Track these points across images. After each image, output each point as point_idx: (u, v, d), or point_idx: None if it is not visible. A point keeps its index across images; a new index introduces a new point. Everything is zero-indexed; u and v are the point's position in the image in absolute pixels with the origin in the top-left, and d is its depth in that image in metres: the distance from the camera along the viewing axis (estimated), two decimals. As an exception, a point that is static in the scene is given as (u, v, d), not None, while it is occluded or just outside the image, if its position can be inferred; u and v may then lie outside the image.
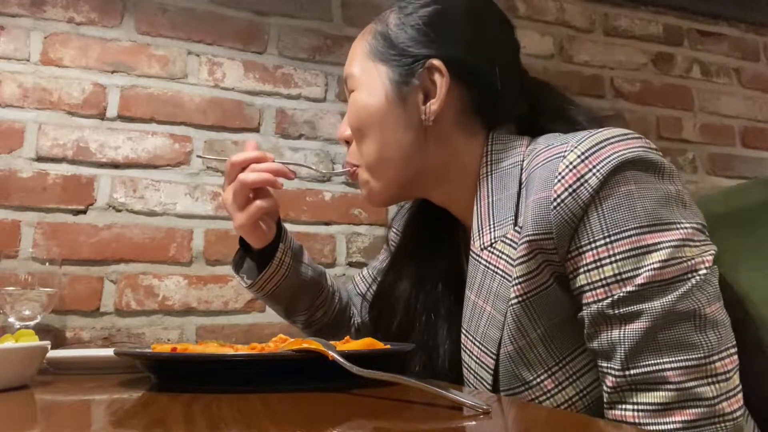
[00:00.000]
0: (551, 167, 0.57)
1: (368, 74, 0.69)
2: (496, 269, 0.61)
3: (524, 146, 0.65)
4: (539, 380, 0.57)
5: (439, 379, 0.70)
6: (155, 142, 1.33)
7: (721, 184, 1.77)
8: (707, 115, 1.82)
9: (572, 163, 0.55)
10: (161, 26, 1.38)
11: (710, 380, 0.49)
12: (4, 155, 1.22)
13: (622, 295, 0.51)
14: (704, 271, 0.51)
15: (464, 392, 0.51)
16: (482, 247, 0.63)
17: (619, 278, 0.52)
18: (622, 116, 1.71)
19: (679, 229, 0.52)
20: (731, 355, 0.51)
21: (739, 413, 0.50)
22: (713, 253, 0.53)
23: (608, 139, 0.55)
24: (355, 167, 0.73)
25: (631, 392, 0.51)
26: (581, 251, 0.54)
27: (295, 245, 0.84)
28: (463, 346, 0.64)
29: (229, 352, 0.59)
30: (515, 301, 0.57)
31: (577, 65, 1.73)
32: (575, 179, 0.54)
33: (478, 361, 0.61)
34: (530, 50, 1.69)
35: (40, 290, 1.01)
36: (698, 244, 0.52)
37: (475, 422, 0.39)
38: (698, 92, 1.83)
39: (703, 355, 0.49)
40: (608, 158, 0.53)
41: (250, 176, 0.74)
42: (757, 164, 1.83)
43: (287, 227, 0.85)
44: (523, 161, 0.63)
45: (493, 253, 0.62)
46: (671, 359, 0.49)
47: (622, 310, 0.51)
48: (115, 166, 1.29)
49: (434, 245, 0.78)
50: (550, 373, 0.57)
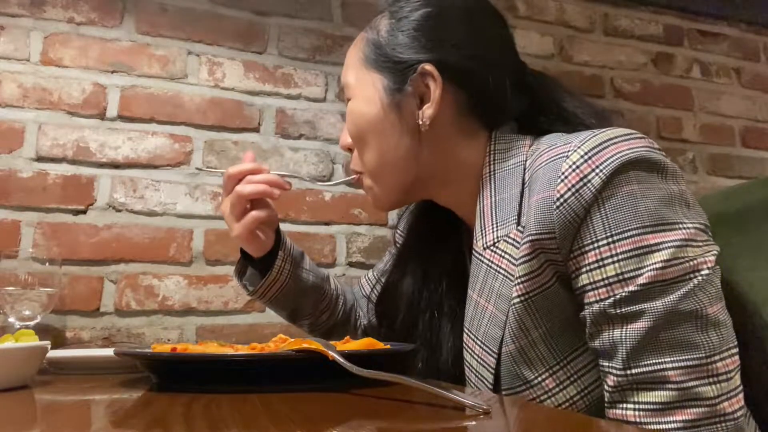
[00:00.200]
0: (554, 167, 0.57)
1: (363, 83, 0.70)
2: (498, 268, 0.61)
3: (527, 146, 0.65)
4: (540, 379, 0.57)
5: (441, 376, 0.71)
6: (155, 142, 1.33)
7: (721, 184, 1.77)
8: (707, 115, 1.82)
9: (575, 162, 0.55)
10: (161, 26, 1.38)
11: (711, 380, 0.49)
12: (4, 155, 1.22)
13: (624, 294, 0.51)
14: (706, 271, 0.51)
15: (464, 392, 0.51)
16: (485, 246, 0.63)
17: (621, 278, 0.52)
18: (621, 113, 1.71)
19: (681, 229, 0.52)
20: (732, 355, 0.51)
21: (740, 413, 0.50)
22: (716, 253, 0.53)
23: (611, 139, 0.55)
24: (359, 174, 0.74)
25: (632, 391, 0.51)
26: (583, 251, 0.54)
27: (295, 252, 0.85)
28: (465, 345, 0.64)
29: (229, 352, 0.59)
30: (517, 300, 0.57)
31: (577, 65, 1.73)
32: (578, 179, 0.54)
33: (479, 360, 0.61)
34: (530, 50, 1.69)
35: (40, 290, 1.01)
36: (701, 244, 0.52)
37: (475, 422, 0.39)
38: (698, 92, 1.83)
39: (704, 354, 0.49)
40: (611, 158, 0.53)
41: (246, 188, 0.76)
42: (757, 164, 1.83)
43: (287, 227, 0.86)
44: (526, 161, 0.63)
45: (495, 252, 0.62)
46: (672, 359, 0.49)
47: (624, 309, 0.51)
48: (115, 166, 1.29)
49: (438, 244, 0.78)
50: (551, 372, 0.57)
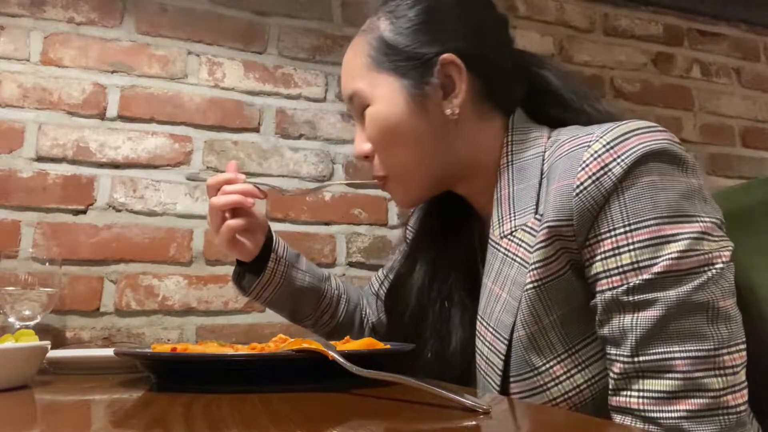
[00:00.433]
0: (575, 156, 0.57)
1: (379, 86, 0.68)
2: (515, 257, 0.61)
3: (545, 137, 0.66)
4: (548, 366, 0.57)
5: (450, 367, 0.70)
6: (155, 142, 1.33)
7: (721, 184, 1.77)
8: (707, 115, 1.82)
9: (597, 152, 0.55)
10: (161, 26, 1.38)
11: (718, 372, 0.49)
12: (4, 155, 1.22)
13: (638, 282, 0.52)
14: (721, 265, 0.52)
15: (465, 392, 0.51)
16: (502, 235, 0.64)
17: (636, 266, 0.52)
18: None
19: (699, 222, 0.52)
20: (740, 351, 0.51)
21: (743, 408, 0.50)
22: (730, 249, 0.54)
23: (634, 130, 0.56)
24: (383, 179, 0.72)
25: (637, 379, 0.52)
26: (600, 238, 0.55)
27: (289, 254, 0.85)
28: (477, 332, 0.64)
29: (229, 352, 0.59)
30: (530, 286, 0.58)
31: (577, 65, 1.73)
32: (599, 167, 0.55)
33: (490, 346, 0.62)
34: (530, 50, 1.68)
35: (40, 290, 1.01)
36: (716, 239, 0.53)
37: (475, 422, 0.39)
38: (698, 92, 1.83)
39: (713, 347, 0.50)
40: (633, 149, 0.54)
41: (220, 199, 0.77)
42: (757, 164, 1.83)
43: (287, 227, 0.86)
44: (544, 152, 0.64)
45: (512, 241, 0.62)
46: (681, 348, 0.50)
47: (636, 297, 0.52)
48: (115, 166, 1.29)
49: (448, 237, 0.78)
50: (559, 359, 0.57)
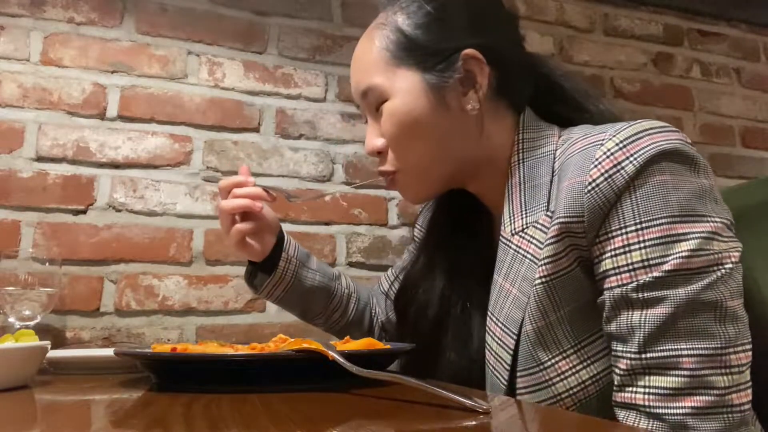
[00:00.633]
0: (588, 154, 0.58)
1: (398, 81, 0.67)
2: (525, 253, 0.62)
3: (556, 136, 0.67)
4: (554, 361, 0.58)
5: (473, 366, 0.70)
6: (155, 142, 1.33)
7: (721, 184, 1.76)
8: (707, 115, 1.82)
9: (610, 150, 0.56)
10: (161, 26, 1.38)
11: (723, 371, 0.50)
12: (4, 155, 1.22)
13: (647, 280, 0.52)
14: (730, 265, 0.52)
15: (465, 392, 0.51)
16: (513, 232, 0.64)
17: (646, 264, 0.53)
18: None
19: (709, 222, 0.53)
20: (746, 350, 0.51)
21: (746, 407, 0.50)
22: (740, 250, 0.54)
23: (647, 129, 0.56)
24: (392, 174, 0.71)
25: (643, 375, 0.52)
26: (610, 236, 0.55)
27: (300, 253, 0.86)
28: (487, 328, 0.65)
29: (229, 352, 0.59)
30: (539, 281, 0.58)
31: (577, 65, 1.73)
32: (612, 165, 0.55)
33: (499, 341, 0.62)
34: (530, 50, 1.68)
35: (40, 290, 1.01)
36: (726, 239, 0.53)
37: (475, 422, 0.39)
38: (698, 92, 1.83)
39: (720, 345, 0.50)
40: (646, 148, 0.55)
41: (229, 203, 0.78)
42: (757, 164, 1.83)
43: (287, 227, 0.86)
44: (556, 150, 0.64)
45: (524, 238, 0.62)
46: (688, 346, 0.50)
47: (645, 294, 0.52)
48: (115, 166, 1.29)
49: (461, 236, 0.78)
50: (565, 355, 0.58)
